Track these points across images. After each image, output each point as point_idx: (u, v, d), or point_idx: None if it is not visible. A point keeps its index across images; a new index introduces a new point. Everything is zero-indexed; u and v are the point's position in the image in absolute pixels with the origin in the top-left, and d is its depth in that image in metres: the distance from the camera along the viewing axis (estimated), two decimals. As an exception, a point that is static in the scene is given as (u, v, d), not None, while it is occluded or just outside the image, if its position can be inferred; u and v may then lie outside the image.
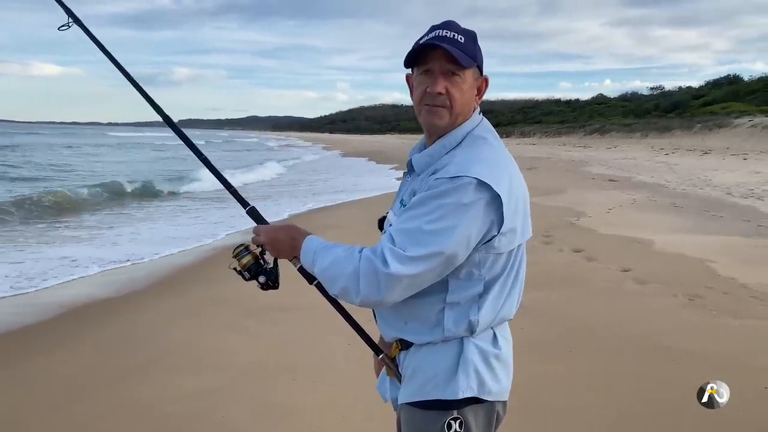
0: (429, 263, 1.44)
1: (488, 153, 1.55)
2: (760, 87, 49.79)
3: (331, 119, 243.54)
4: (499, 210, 1.47)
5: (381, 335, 1.79)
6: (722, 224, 9.87)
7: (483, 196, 1.45)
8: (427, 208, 1.45)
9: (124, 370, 4.25)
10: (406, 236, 1.45)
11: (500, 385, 1.60)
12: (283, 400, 3.71)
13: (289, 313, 5.40)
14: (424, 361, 1.60)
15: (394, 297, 1.48)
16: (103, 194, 15.14)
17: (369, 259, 1.47)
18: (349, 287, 1.49)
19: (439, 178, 1.47)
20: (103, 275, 7.20)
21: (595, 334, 4.75)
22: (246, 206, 1.84)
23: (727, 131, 34.23)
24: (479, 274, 1.53)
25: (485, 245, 1.50)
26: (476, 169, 1.46)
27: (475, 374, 1.55)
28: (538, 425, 3.36)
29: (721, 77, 62.47)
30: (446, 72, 1.54)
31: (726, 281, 6.14)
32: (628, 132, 44.12)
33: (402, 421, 1.68)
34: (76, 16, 1.99)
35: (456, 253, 1.45)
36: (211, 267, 7.59)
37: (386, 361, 1.72)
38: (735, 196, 13.55)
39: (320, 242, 1.61)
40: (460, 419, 1.54)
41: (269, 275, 1.76)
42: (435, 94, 1.55)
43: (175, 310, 5.75)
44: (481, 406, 1.57)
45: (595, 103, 79.70)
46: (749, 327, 4.85)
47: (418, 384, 1.60)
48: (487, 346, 1.58)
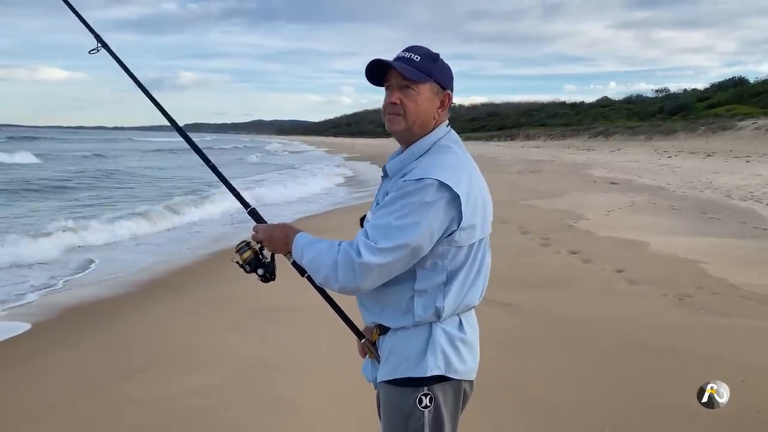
0: (397, 254, 1.66)
1: (451, 159, 1.77)
2: (765, 89, 49.66)
3: (336, 123, 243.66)
4: (459, 208, 1.68)
5: (363, 322, 2.01)
6: (718, 226, 10.01)
7: (443, 196, 1.67)
8: (396, 206, 1.68)
9: (129, 368, 4.42)
10: (377, 231, 1.68)
11: (466, 365, 1.81)
12: (283, 396, 3.87)
13: (287, 313, 5.57)
14: (398, 343, 1.81)
15: (367, 284, 1.70)
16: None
17: (346, 251, 1.69)
18: (330, 276, 1.72)
19: (407, 180, 1.71)
20: (105, 277, 7.41)
21: (586, 333, 4.90)
22: (247, 207, 2.09)
23: (731, 134, 34.24)
24: (443, 265, 1.75)
25: (447, 239, 1.72)
26: (438, 173, 1.68)
27: (442, 355, 1.76)
28: (532, 421, 3.50)
29: (726, 79, 62.34)
30: (401, 86, 1.78)
31: (716, 281, 6.28)
32: (632, 134, 44.11)
33: (381, 398, 1.90)
34: (104, 42, 2.26)
35: (420, 245, 1.67)
36: (209, 269, 7.80)
37: (367, 345, 1.94)
38: (734, 198, 13.65)
39: (308, 238, 1.84)
40: (430, 395, 1.76)
41: (267, 268, 1.99)
42: (389, 103, 1.80)
43: (176, 311, 5.94)
44: (449, 384, 1.78)
45: (600, 105, 79.61)
46: (736, 325, 5.01)
47: (393, 364, 1.81)
48: (454, 331, 1.80)
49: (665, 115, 52.65)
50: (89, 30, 2.27)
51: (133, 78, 2.24)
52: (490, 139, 65.63)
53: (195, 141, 2.29)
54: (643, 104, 66.83)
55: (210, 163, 2.17)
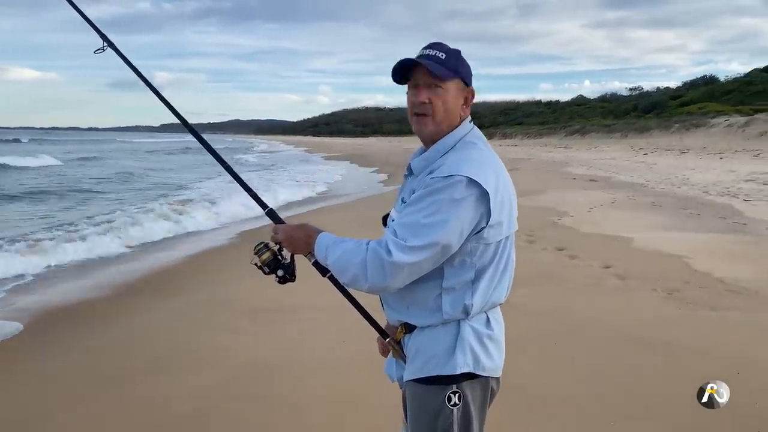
0: (427, 252, 1.64)
1: (477, 155, 1.76)
2: (735, 87, 50.74)
3: (314, 122, 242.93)
4: (487, 205, 1.67)
5: (387, 321, 1.98)
6: (699, 222, 10.17)
7: (473, 192, 1.65)
8: (424, 204, 1.66)
9: (129, 370, 4.36)
10: (406, 229, 1.66)
11: (493, 362, 1.80)
12: (281, 396, 3.84)
13: (280, 313, 5.55)
14: (426, 342, 1.79)
15: (397, 283, 1.68)
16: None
17: (375, 250, 1.66)
18: (358, 275, 1.68)
19: (435, 177, 1.68)
20: (97, 276, 7.29)
21: (579, 327, 4.94)
22: (265, 208, 2.05)
23: (704, 131, 34.89)
24: (471, 262, 1.73)
25: (476, 236, 1.70)
26: (467, 169, 1.66)
27: (470, 352, 1.75)
28: (524, 415, 3.52)
29: (697, 78, 63.52)
30: (429, 84, 1.76)
31: (702, 276, 6.38)
32: (608, 132, 44.70)
33: (407, 397, 1.87)
34: (111, 42, 2.21)
35: (450, 242, 1.65)
36: (196, 269, 7.70)
37: (392, 344, 1.91)
38: (712, 194, 13.90)
39: (332, 237, 1.81)
40: (459, 392, 1.74)
41: (287, 269, 1.95)
42: (419, 103, 1.77)
43: (168, 312, 5.86)
44: (477, 381, 1.77)
45: (575, 104, 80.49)
46: (725, 319, 5.09)
47: (421, 362, 1.79)
48: (481, 328, 1.79)
49: (639, 113, 53.40)
50: (95, 30, 2.23)
51: (142, 78, 2.20)
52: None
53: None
54: (617, 102, 67.69)
55: (225, 164, 2.15)
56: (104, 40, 2.21)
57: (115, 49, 2.21)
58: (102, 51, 2.21)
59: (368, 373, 4.15)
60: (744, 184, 15.37)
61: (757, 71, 53.80)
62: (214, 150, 2.18)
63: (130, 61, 2.21)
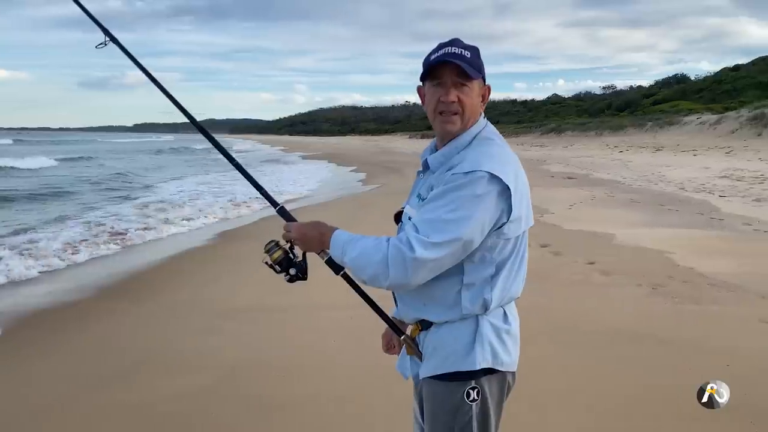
0: (449, 248, 1.62)
1: (496, 151, 1.75)
2: (705, 86, 51.88)
3: (291, 121, 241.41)
4: (509, 200, 1.66)
5: (394, 317, 1.97)
6: (678, 218, 10.34)
7: (494, 188, 1.64)
8: (446, 200, 1.64)
9: (111, 373, 4.26)
10: (428, 225, 1.63)
11: (511, 357, 1.81)
12: (270, 397, 3.79)
13: (264, 313, 5.49)
14: (444, 338, 1.78)
15: (419, 279, 1.66)
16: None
17: (397, 246, 1.64)
18: (378, 273, 1.66)
19: (456, 173, 1.66)
20: (72, 278, 7.14)
21: (568, 323, 4.97)
22: (276, 206, 2.01)
23: (677, 128, 35.51)
24: (491, 258, 1.73)
25: (496, 231, 1.69)
26: (488, 165, 1.65)
27: (489, 347, 1.74)
28: (513, 411, 3.50)
29: (669, 76, 64.83)
30: (456, 83, 1.74)
31: (685, 271, 6.48)
32: (583, 131, 45.23)
33: (424, 394, 1.85)
34: (113, 36, 2.15)
35: (472, 238, 1.64)
36: (182, 269, 7.60)
37: (407, 341, 1.89)
38: (688, 190, 14.14)
39: (348, 235, 1.77)
40: (478, 388, 1.74)
41: (299, 268, 1.91)
42: (449, 102, 1.75)
43: (153, 313, 5.75)
44: (494, 376, 1.77)
45: (551, 103, 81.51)
46: (709, 312, 5.16)
47: (440, 359, 1.77)
48: (499, 323, 1.78)
49: (614, 112, 54.30)
50: (97, 24, 2.17)
51: (146, 72, 2.14)
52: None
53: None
54: (592, 101, 68.71)
55: (234, 161, 2.12)
56: (106, 34, 2.15)
57: (118, 43, 2.16)
58: (104, 45, 2.16)
59: (358, 372, 4.14)
60: (718, 180, 15.67)
61: (726, 70, 55.02)
62: (224, 148, 2.14)
63: (133, 56, 2.16)
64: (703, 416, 3.32)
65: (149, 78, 2.13)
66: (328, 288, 4.16)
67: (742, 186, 14.29)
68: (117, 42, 2.16)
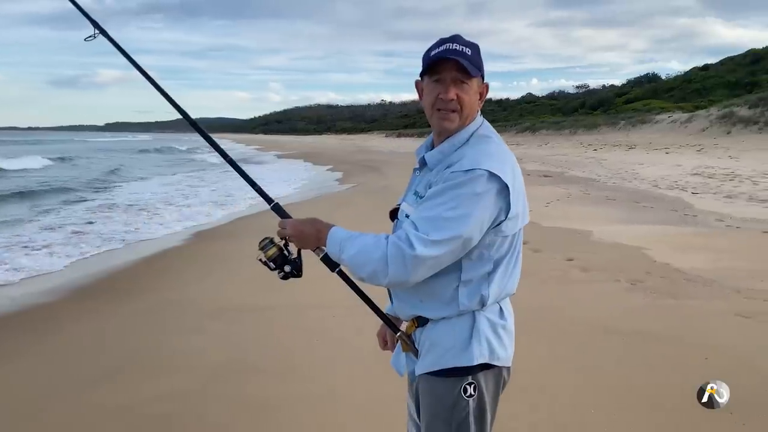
0: (449, 246, 1.63)
1: (494, 149, 1.76)
2: (676, 85, 52.81)
3: (266, 120, 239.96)
4: (507, 198, 1.67)
5: (394, 315, 1.97)
6: (653, 214, 10.51)
7: (494, 186, 1.65)
8: (446, 198, 1.64)
9: (93, 375, 4.19)
10: (428, 223, 1.64)
11: (506, 352, 1.81)
12: (257, 397, 3.77)
13: (249, 313, 5.45)
14: (441, 334, 1.78)
15: (418, 277, 1.66)
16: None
17: (396, 244, 1.64)
18: (378, 270, 1.65)
19: (455, 171, 1.67)
20: (50, 280, 7.01)
21: (549, 319, 5.02)
22: (270, 202, 2.00)
23: (649, 127, 36.09)
24: (489, 255, 1.74)
25: (494, 229, 1.70)
26: (487, 163, 1.66)
27: (486, 343, 1.75)
28: (509, 407, 3.55)
29: (641, 75, 65.87)
30: (456, 81, 1.74)
31: (662, 266, 6.59)
32: (558, 129, 45.70)
33: (421, 390, 1.85)
34: (102, 28, 2.12)
35: (472, 236, 1.65)
36: (163, 269, 7.50)
37: (403, 338, 1.89)
38: (661, 188, 14.39)
39: (346, 232, 1.77)
40: (475, 383, 1.75)
41: (294, 265, 1.90)
42: (448, 99, 1.74)
43: (134, 314, 5.67)
44: (491, 372, 1.78)
45: (525, 102, 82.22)
46: (686, 307, 5.26)
47: (437, 355, 1.78)
48: (496, 318, 1.79)
49: (587, 110, 54.95)
50: (85, 16, 2.14)
51: (136, 65, 2.11)
52: (421, 135, 66.35)
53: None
54: (565, 100, 69.48)
55: (228, 157, 2.11)
56: (95, 27, 2.12)
57: (107, 36, 2.12)
58: (93, 38, 2.12)
59: (345, 371, 4.13)
60: (691, 177, 15.97)
61: (695, 70, 56.08)
62: (218, 145, 2.14)
63: (123, 48, 2.13)
64: (683, 408, 3.41)
65: (140, 71, 2.11)
66: (314, 287, 4.17)
67: (713, 183, 14.58)
68: (106, 34, 2.13)
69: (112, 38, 2.12)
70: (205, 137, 2.17)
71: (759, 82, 41.26)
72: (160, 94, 2.13)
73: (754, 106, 29.72)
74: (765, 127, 27.11)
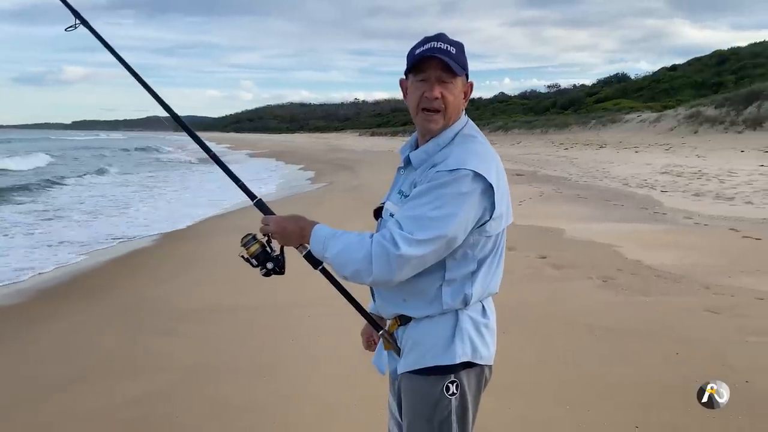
0: (434, 245, 1.63)
1: (479, 149, 1.76)
2: (645, 85, 53.74)
3: (237, 118, 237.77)
4: (492, 198, 1.68)
5: (377, 313, 1.96)
6: (623, 212, 10.67)
7: (478, 186, 1.65)
8: (431, 197, 1.64)
9: (63, 379, 4.10)
10: (413, 222, 1.63)
11: (489, 350, 1.82)
12: (234, 398, 3.72)
13: (220, 314, 5.39)
14: (424, 333, 1.78)
15: (402, 276, 1.66)
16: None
17: (380, 243, 1.63)
18: (361, 269, 1.65)
19: (440, 171, 1.66)
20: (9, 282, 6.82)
21: (523, 315, 5.05)
22: (253, 199, 1.98)
23: (619, 126, 36.64)
24: (473, 254, 1.74)
25: (479, 229, 1.70)
26: (472, 163, 1.66)
27: (469, 341, 1.75)
28: (487, 403, 3.56)
29: (610, 75, 66.86)
30: (440, 79, 1.74)
31: (633, 263, 6.68)
32: (530, 128, 46.12)
33: (403, 389, 1.84)
34: (83, 18, 2.09)
35: (456, 236, 1.65)
36: (129, 271, 7.36)
37: (386, 337, 1.88)
38: (632, 186, 14.61)
39: (330, 230, 1.76)
40: (457, 382, 1.75)
41: (276, 262, 1.88)
42: (432, 98, 1.74)
43: (102, 316, 5.56)
44: (473, 370, 1.78)
45: (497, 101, 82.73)
46: (657, 303, 5.34)
47: (419, 353, 1.77)
48: (478, 317, 1.80)
49: (558, 110, 55.54)
50: (66, 5, 2.11)
51: (118, 57, 2.10)
52: (395, 134, 66.42)
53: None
54: (537, 99, 70.16)
55: (210, 152, 2.10)
56: (76, 17, 2.09)
57: (89, 26, 2.09)
58: (74, 28, 2.10)
59: (323, 370, 4.10)
60: (660, 176, 16.24)
61: (664, 70, 57.10)
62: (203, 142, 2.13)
63: (104, 39, 2.10)
64: (657, 402, 3.46)
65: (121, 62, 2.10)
66: (291, 286, 4.13)
67: (682, 181, 14.85)
68: (87, 25, 2.10)
69: (92, 28, 2.10)
70: (191, 134, 2.15)
71: (724, 83, 42.20)
72: (144, 88, 2.12)
73: (720, 106, 30.38)
74: (731, 127, 27.73)
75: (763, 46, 49.38)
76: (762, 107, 27.70)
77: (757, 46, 49.40)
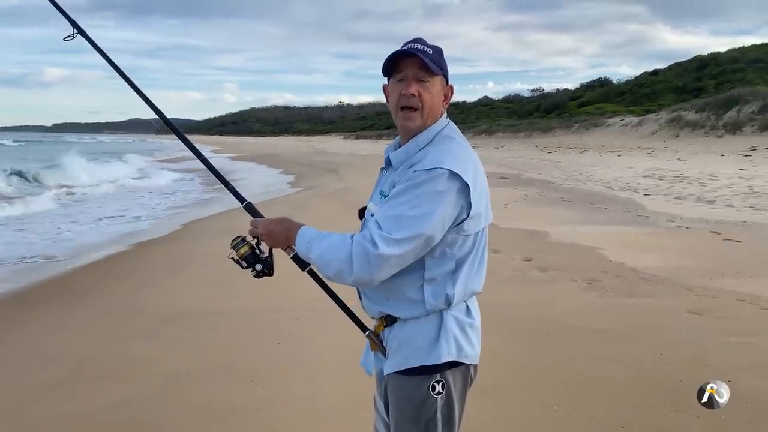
0: (412, 244, 1.66)
1: (456, 149, 1.79)
2: (627, 89, 54.39)
3: (221, 121, 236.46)
4: (468, 197, 1.70)
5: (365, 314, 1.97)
6: (607, 215, 10.78)
7: (454, 185, 1.68)
8: (408, 197, 1.67)
9: (41, 385, 4.03)
10: (391, 221, 1.67)
11: (474, 350, 1.84)
12: (219, 402, 3.69)
13: (203, 318, 5.35)
14: (409, 333, 1.80)
15: (382, 275, 1.69)
16: None
17: (360, 243, 1.66)
18: (343, 269, 1.68)
19: (417, 171, 1.70)
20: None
21: (509, 318, 5.07)
22: (243, 201, 2.02)
23: (602, 130, 37.03)
24: (451, 253, 1.76)
25: (456, 227, 1.73)
26: (448, 162, 1.69)
27: (454, 341, 1.78)
28: (471, 405, 3.57)
29: (593, 80, 67.49)
30: (418, 78, 1.77)
31: (617, 266, 6.75)
32: (514, 132, 46.41)
33: (389, 389, 1.86)
34: (81, 28, 2.14)
35: (434, 234, 1.68)
36: (105, 275, 7.28)
37: (372, 337, 1.90)
38: (614, 189, 14.77)
39: (314, 231, 1.79)
40: (443, 381, 1.77)
41: (265, 264, 1.92)
42: (409, 95, 1.77)
43: (79, 321, 5.46)
44: (458, 369, 1.80)
45: (481, 104, 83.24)
46: (641, 304, 5.40)
47: (405, 354, 1.79)
48: (463, 317, 1.82)
49: (542, 113, 55.93)
50: (64, 15, 2.15)
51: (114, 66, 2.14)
52: (380, 137, 66.46)
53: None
54: (521, 103, 70.60)
55: (201, 156, 2.14)
56: (74, 27, 2.14)
57: (86, 36, 2.14)
58: (71, 38, 2.14)
59: (309, 373, 4.09)
60: (642, 179, 16.43)
61: (645, 74, 57.77)
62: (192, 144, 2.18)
63: (101, 48, 2.15)
64: (642, 402, 3.49)
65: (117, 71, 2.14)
66: (274, 289, 4.11)
67: (663, 185, 15.04)
68: (85, 35, 2.15)
69: (90, 38, 2.15)
70: (181, 138, 2.19)
71: (705, 87, 42.87)
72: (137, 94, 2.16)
73: (700, 111, 30.85)
74: (711, 131, 28.17)
75: (741, 51, 50.25)
76: (741, 112, 28.17)
77: (736, 52, 50.27)
